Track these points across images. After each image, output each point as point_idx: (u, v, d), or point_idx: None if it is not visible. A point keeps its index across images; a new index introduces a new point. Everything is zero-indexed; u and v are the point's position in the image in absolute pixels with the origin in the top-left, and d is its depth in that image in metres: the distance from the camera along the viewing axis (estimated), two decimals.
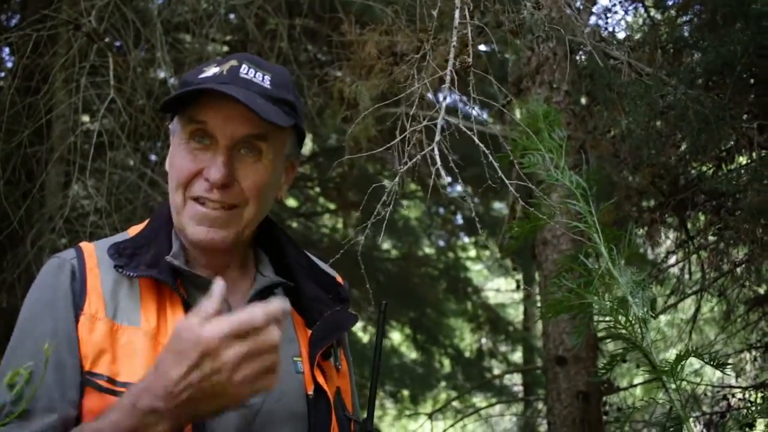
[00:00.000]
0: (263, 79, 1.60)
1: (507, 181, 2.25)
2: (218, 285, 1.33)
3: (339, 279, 1.84)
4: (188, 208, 1.59)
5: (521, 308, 12.25)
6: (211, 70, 1.60)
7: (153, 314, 1.54)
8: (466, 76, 2.38)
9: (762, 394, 4.30)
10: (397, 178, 2.22)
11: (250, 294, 1.64)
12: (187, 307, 1.54)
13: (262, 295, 1.65)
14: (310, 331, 1.67)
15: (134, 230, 1.69)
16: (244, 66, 1.60)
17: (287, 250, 1.76)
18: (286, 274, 1.72)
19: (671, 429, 2.03)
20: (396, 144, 2.35)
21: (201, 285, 1.59)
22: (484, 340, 10.52)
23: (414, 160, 2.25)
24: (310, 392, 1.61)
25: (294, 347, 1.66)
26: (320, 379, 1.62)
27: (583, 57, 3.73)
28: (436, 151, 2.22)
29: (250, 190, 1.59)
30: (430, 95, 3.00)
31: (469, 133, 2.19)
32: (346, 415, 1.68)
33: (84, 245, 1.63)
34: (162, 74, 6.10)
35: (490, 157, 2.23)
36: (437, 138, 2.20)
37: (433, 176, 2.19)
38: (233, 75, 1.58)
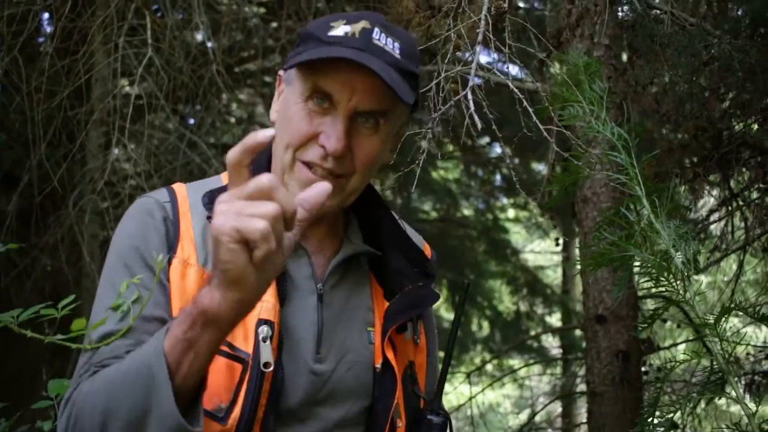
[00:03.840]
0: (394, 47, 1.52)
1: (546, 134, 2.21)
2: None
3: (428, 252, 1.79)
4: (297, 171, 1.54)
5: (560, 270, 12.19)
6: (341, 28, 1.51)
7: None
8: (501, 24, 2.33)
9: None
10: (430, 123, 2.19)
11: (335, 262, 1.61)
12: None
13: (347, 263, 1.63)
14: (387, 303, 1.63)
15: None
16: (376, 30, 1.51)
17: (380, 216, 1.70)
18: (375, 241, 1.68)
19: (712, 387, 2.00)
20: (431, 94, 2.32)
21: None
22: (522, 303, 10.50)
23: (447, 105, 2.23)
24: (378, 365, 1.59)
25: (369, 316, 1.64)
26: (389, 354, 1.59)
27: (624, 8, 3.65)
28: (470, 96, 2.19)
29: (361, 162, 1.54)
30: (466, 54, 2.97)
31: (504, 79, 2.16)
32: (414, 391, 1.66)
33: (176, 188, 1.60)
34: (199, 36, 6.11)
35: (528, 109, 2.20)
36: (471, 83, 2.17)
37: (466, 122, 2.15)
38: (366, 39, 1.50)
